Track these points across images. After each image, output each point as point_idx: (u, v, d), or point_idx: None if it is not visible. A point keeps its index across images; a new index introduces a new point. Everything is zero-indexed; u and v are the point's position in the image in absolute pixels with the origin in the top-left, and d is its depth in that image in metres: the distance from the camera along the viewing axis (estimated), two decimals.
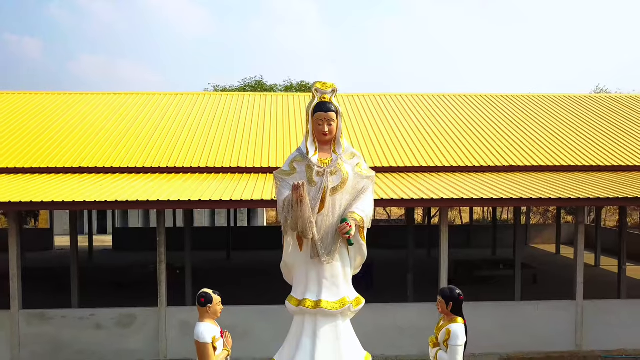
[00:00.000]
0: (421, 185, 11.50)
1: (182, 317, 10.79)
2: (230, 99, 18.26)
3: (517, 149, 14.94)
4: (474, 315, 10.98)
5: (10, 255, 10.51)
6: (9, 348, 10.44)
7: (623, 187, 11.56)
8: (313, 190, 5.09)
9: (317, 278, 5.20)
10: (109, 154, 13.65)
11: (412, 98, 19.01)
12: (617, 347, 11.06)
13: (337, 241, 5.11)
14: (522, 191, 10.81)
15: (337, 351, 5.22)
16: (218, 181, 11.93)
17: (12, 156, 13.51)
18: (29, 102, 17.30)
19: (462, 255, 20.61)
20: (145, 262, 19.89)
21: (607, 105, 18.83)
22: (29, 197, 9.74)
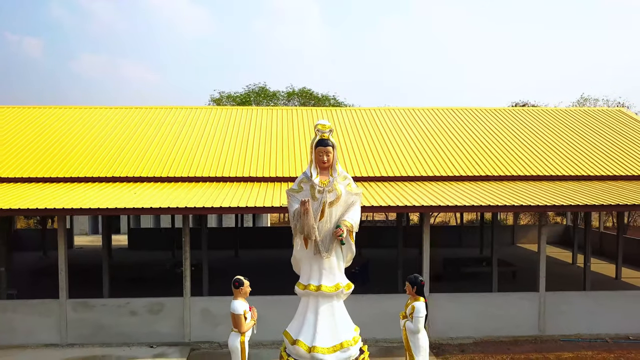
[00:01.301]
0: (405, 193, 13.36)
1: (203, 306, 12.68)
2: (241, 113, 20.14)
3: (493, 160, 16.78)
4: (454, 304, 13.03)
5: (59, 253, 12.42)
6: (58, 331, 12.35)
7: (581, 195, 13.44)
8: (315, 204, 6.99)
9: (319, 269, 7.09)
10: (137, 165, 15.56)
11: (402, 112, 20.87)
12: (574, 332, 12.97)
13: (333, 242, 7.01)
14: (492, 199, 12.69)
15: (333, 323, 7.12)
16: (233, 189, 13.82)
17: (49, 166, 15.43)
18: (54, 116, 19.24)
19: (452, 254, 22.53)
20: (160, 260, 21.87)
21: (574, 118, 20.66)
22: (71, 204, 11.64)
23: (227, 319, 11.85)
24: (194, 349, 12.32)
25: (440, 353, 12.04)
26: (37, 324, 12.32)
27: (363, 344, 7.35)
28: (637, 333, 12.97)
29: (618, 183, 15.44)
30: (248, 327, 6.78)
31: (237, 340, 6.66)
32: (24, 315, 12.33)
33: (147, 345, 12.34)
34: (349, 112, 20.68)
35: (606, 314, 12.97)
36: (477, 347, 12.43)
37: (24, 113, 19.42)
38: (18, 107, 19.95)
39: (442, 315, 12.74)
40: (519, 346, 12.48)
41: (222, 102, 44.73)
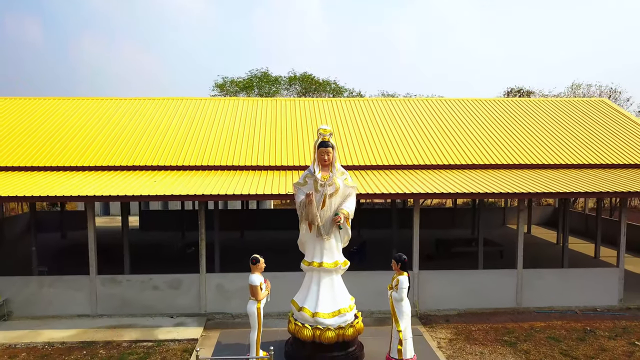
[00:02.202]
0: (398, 181, 14.81)
1: (217, 281, 14.24)
2: (248, 104, 21.49)
3: (480, 149, 18.19)
4: (441, 280, 14.58)
5: (88, 234, 13.93)
6: (88, 304, 13.93)
7: (560, 183, 14.88)
8: (317, 195, 8.48)
9: (320, 249, 8.60)
10: (154, 154, 17.01)
11: (398, 103, 22.20)
12: (548, 305, 14.55)
13: (333, 226, 8.51)
14: (477, 186, 14.15)
15: (333, 293, 8.65)
16: (243, 177, 15.28)
17: (74, 155, 16.89)
18: (73, 107, 20.64)
19: (445, 235, 24.11)
20: (171, 241, 23.46)
21: (559, 109, 22.00)
22: (100, 192, 13.13)
23: (239, 293, 13.56)
24: (210, 319, 13.91)
25: (427, 323, 13.63)
26: (71, 297, 13.90)
27: (358, 312, 8.90)
28: (603, 305, 14.57)
29: (597, 171, 16.88)
30: (263, 296, 8.29)
31: (254, 307, 8.17)
32: (58, 290, 13.89)
33: (168, 316, 13.93)
34: (348, 102, 22.01)
35: (576, 288, 14.54)
36: (461, 318, 14.02)
37: (46, 104, 20.83)
38: (39, 99, 21.35)
39: (430, 290, 14.32)
40: (498, 317, 14.08)
41: (225, 87, 45.95)
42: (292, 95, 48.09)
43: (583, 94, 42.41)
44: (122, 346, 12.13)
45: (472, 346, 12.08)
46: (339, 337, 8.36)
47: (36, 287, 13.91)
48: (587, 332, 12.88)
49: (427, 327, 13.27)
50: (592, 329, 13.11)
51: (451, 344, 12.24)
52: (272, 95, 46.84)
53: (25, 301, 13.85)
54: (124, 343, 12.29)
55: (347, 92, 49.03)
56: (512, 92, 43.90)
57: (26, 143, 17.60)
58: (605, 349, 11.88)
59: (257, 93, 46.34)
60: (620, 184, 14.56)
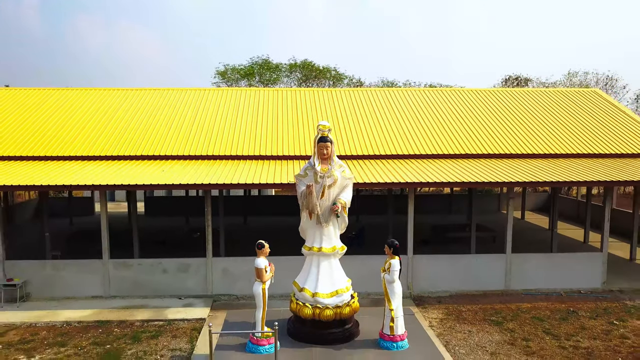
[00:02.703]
0: (393, 170, 15.59)
1: (223, 265, 15.09)
2: (250, 94, 22.19)
3: (473, 139, 18.93)
4: (434, 264, 15.42)
5: (101, 220, 14.76)
6: (101, 286, 14.80)
7: (546, 172, 15.66)
8: (317, 186, 9.26)
9: (320, 235, 9.41)
10: (161, 144, 17.77)
11: (395, 93, 22.88)
12: (534, 287, 15.42)
13: (331, 215, 9.30)
14: (468, 175, 14.93)
15: (331, 275, 9.47)
16: (247, 166, 16.06)
17: (83, 145, 17.66)
18: (80, 97, 21.36)
19: (441, 220, 24.96)
20: (177, 226, 24.30)
21: (551, 99, 22.70)
22: (113, 181, 13.92)
23: (243, 276, 14.42)
24: (216, 300, 14.78)
25: (420, 303, 14.50)
26: (85, 280, 14.77)
27: (354, 292, 9.72)
28: (587, 288, 15.43)
29: (585, 160, 17.66)
30: (267, 277, 9.10)
31: (259, 288, 8.99)
32: (74, 273, 14.75)
33: (177, 297, 14.81)
34: (347, 92, 22.70)
35: (562, 272, 15.39)
36: (452, 299, 14.89)
37: (56, 95, 21.55)
38: (47, 89, 22.06)
39: (424, 273, 15.18)
40: (487, 298, 14.95)
41: (227, 74, 46.50)
42: (292, 82, 48.65)
43: (580, 81, 43.00)
44: (135, 325, 13.01)
45: (461, 325, 12.95)
46: (336, 315, 9.18)
47: (52, 270, 14.77)
48: (570, 313, 13.74)
49: (420, 308, 14.14)
50: (575, 309, 13.98)
51: (442, 323, 13.11)
52: (273, 82, 47.41)
53: (42, 283, 14.71)
54: (137, 322, 13.17)
55: (347, 79, 49.55)
56: (510, 79, 44.47)
57: (39, 133, 18.35)
58: (586, 327, 12.76)
59: (258, 80, 46.90)
60: (603, 173, 15.34)
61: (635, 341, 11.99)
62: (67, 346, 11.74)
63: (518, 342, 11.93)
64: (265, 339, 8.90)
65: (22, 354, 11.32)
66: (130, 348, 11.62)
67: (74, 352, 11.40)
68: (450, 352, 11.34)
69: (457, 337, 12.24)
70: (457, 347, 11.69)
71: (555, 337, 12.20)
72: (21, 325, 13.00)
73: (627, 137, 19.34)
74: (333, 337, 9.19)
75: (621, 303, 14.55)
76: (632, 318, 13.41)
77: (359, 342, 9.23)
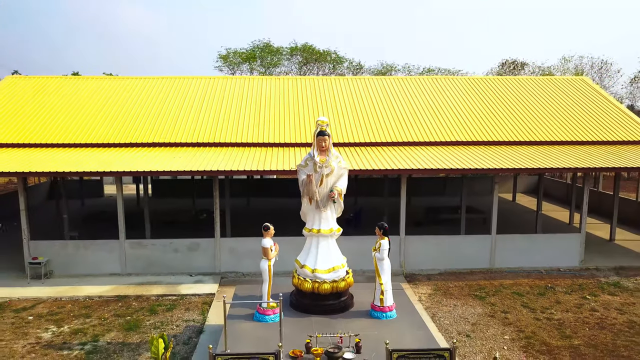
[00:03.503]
0: (387, 156, 16.75)
1: (230, 245, 16.37)
2: (254, 82, 23.26)
3: (464, 126, 20.05)
4: (424, 244, 16.67)
5: (117, 203, 15.98)
6: (118, 264, 16.09)
7: (531, 158, 16.81)
8: (316, 176, 10.44)
9: (319, 218, 10.61)
10: (172, 131, 18.93)
11: (391, 81, 23.90)
12: (517, 265, 16.71)
13: (329, 200, 10.49)
14: (457, 162, 16.09)
15: (329, 253, 10.69)
16: (252, 153, 17.24)
17: (96, 134, 18.82)
18: (94, 86, 22.46)
19: (436, 202, 26.20)
20: (185, 208, 25.57)
21: (541, 87, 23.73)
22: (129, 167, 15.09)
23: (249, 255, 15.70)
24: (223, 277, 16.09)
25: (411, 280, 15.80)
26: (103, 258, 16.06)
27: (349, 269, 10.94)
28: (565, 266, 16.72)
29: (569, 147, 18.82)
30: (272, 256, 10.32)
31: (265, 264, 10.22)
32: (93, 252, 16.03)
33: (187, 274, 16.11)
34: (345, 80, 23.74)
35: (542, 251, 16.66)
36: (441, 277, 16.19)
37: (67, 83, 22.64)
38: (61, 77, 23.14)
39: (415, 252, 16.45)
40: (473, 275, 16.25)
41: (229, 58, 47.39)
42: (293, 65, 49.52)
43: (575, 65, 43.89)
44: (151, 299, 14.33)
45: (448, 299, 14.26)
46: (333, 288, 10.40)
47: (73, 250, 16.05)
48: (548, 289, 15.04)
49: (411, 284, 15.44)
50: (552, 285, 15.28)
51: (430, 297, 14.42)
52: (274, 65, 48.29)
53: (63, 262, 16.00)
54: (152, 297, 14.49)
55: (347, 62, 50.42)
56: (507, 63, 45.32)
57: (55, 121, 19.48)
58: (560, 301, 14.06)
59: (259, 64, 47.80)
60: (582, 160, 16.51)
61: (603, 313, 13.29)
62: (91, 317, 13.07)
63: (497, 314, 13.24)
64: (270, 310, 10.13)
65: (52, 324, 12.64)
66: (148, 319, 12.94)
67: (99, 323, 12.72)
68: (435, 323, 12.67)
69: (443, 310, 13.56)
70: (442, 318, 13.01)
71: (531, 310, 13.51)
72: (47, 299, 14.32)
73: (610, 125, 20.45)
74: (330, 308, 10.42)
75: (595, 280, 15.84)
76: (603, 293, 14.71)
77: (352, 313, 10.46)
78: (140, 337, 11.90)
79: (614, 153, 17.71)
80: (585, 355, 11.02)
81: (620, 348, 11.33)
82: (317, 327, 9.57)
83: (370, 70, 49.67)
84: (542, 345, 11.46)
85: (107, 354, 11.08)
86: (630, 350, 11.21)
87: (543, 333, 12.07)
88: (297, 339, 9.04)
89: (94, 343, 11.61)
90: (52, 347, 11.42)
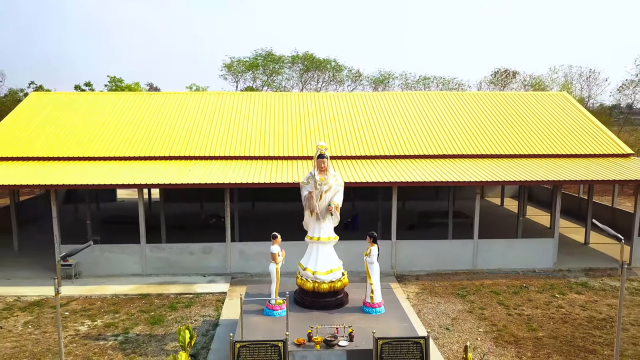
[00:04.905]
0: (381, 170, 18.63)
1: (240, 248, 18.26)
2: (261, 98, 25.17)
3: (452, 140, 21.94)
4: (413, 247, 18.53)
5: (139, 211, 17.87)
6: (139, 266, 17.99)
7: (511, 170, 18.69)
8: (316, 192, 12.34)
9: (319, 228, 12.51)
10: (186, 146, 20.84)
11: (386, 97, 25.79)
12: (496, 267, 18.59)
13: (327, 213, 12.39)
14: (443, 175, 17.98)
15: (327, 258, 12.58)
16: (259, 165, 19.13)
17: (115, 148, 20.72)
18: (111, 102, 24.36)
19: (428, 206, 28.03)
20: (192, 212, 27.45)
21: (523, 103, 25.61)
22: (150, 180, 16.98)
23: (257, 257, 17.61)
24: (233, 277, 17.98)
25: (402, 280, 17.69)
26: (126, 260, 17.95)
27: (344, 271, 12.83)
28: (540, 268, 18.60)
29: (546, 160, 20.70)
30: (279, 260, 12.22)
31: (273, 267, 12.11)
32: (117, 255, 17.93)
33: (201, 275, 18.00)
34: (344, 97, 25.63)
35: (520, 254, 18.56)
36: (428, 277, 18.08)
37: (85, 99, 24.54)
38: (79, 94, 25.04)
39: (405, 255, 18.34)
40: (457, 276, 18.14)
41: (233, 66, 49.28)
42: (295, 73, 51.43)
43: (565, 74, 45.77)
44: (170, 297, 16.22)
45: (433, 297, 16.16)
46: (330, 288, 12.27)
47: (99, 253, 17.94)
48: (522, 288, 16.93)
49: (401, 284, 17.32)
50: (527, 285, 17.16)
51: (417, 296, 16.32)
52: (276, 73, 50.19)
53: (90, 264, 17.88)
54: (171, 295, 16.37)
55: (347, 70, 52.33)
56: (499, 72, 47.22)
57: (75, 137, 21.39)
58: (532, 299, 15.94)
59: (262, 72, 49.69)
60: (557, 173, 18.39)
61: (568, 310, 15.18)
62: (119, 313, 14.97)
63: (475, 310, 15.13)
64: (278, 305, 12.00)
65: (86, 319, 14.54)
66: (170, 315, 14.84)
67: (127, 318, 14.62)
68: (420, 318, 14.56)
69: (427, 306, 15.46)
70: (426, 314, 14.90)
71: (505, 306, 15.40)
72: (79, 297, 16.22)
73: (586, 139, 22.33)
74: (328, 304, 12.30)
75: (566, 280, 17.73)
76: (571, 292, 16.60)
77: (347, 308, 12.34)
78: (164, 330, 13.79)
79: (586, 167, 19.59)
80: (546, 345, 12.90)
81: (578, 339, 13.22)
82: (317, 320, 11.46)
83: (369, 78, 51.58)
84: (511, 337, 13.34)
85: (138, 344, 12.97)
86: (586, 341, 13.10)
87: (513, 327, 13.96)
88: (300, 330, 10.93)
89: (125, 335, 13.50)
90: (89, 338, 13.32)
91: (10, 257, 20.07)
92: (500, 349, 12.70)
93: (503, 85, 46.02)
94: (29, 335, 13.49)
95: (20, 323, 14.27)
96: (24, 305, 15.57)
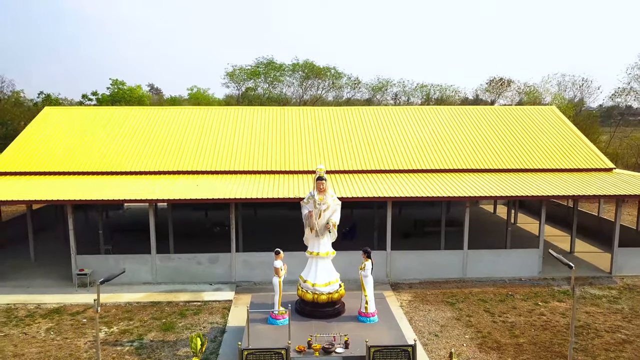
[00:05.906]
0: (376, 184, 19.82)
1: (244, 258, 19.46)
2: (265, 112, 26.38)
3: (444, 155, 23.14)
4: (407, 257, 19.73)
5: (150, 222, 19.08)
6: (150, 274, 19.20)
7: (500, 185, 19.90)
8: (316, 211, 13.55)
9: (318, 244, 13.73)
10: (194, 160, 22.07)
11: (381, 111, 26.98)
12: (485, 276, 19.80)
13: (325, 230, 13.61)
14: (436, 189, 19.18)
15: (326, 271, 13.80)
16: (262, 180, 20.34)
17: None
18: (122, 116, 25.59)
19: (424, 214, 29.22)
20: (197, 220, 28.65)
21: (512, 116, 26.82)
22: (162, 196, 18.19)
23: (261, 267, 18.85)
24: (238, 285, 19.17)
25: (395, 288, 18.89)
26: (138, 269, 19.15)
27: (341, 283, 14.04)
28: (526, 276, 19.80)
29: (532, 174, 21.90)
30: (282, 274, 13.44)
31: (277, 280, 13.34)
32: (129, 264, 19.08)
33: (208, 284, 19.20)
34: (341, 111, 26.85)
35: (506, 263, 19.76)
36: (421, 285, 19.28)
37: (99, 114, 25.75)
38: (94, 108, 26.28)
39: (399, 265, 19.54)
40: (448, 284, 19.34)
41: (235, 75, 50.51)
42: (295, 80, 52.64)
43: (559, 82, 46.99)
44: (180, 305, 17.42)
45: (424, 305, 17.36)
46: (329, 299, 13.48)
47: (113, 262, 19.15)
48: (508, 296, 18.12)
49: (395, 292, 18.52)
50: (512, 293, 18.35)
51: (410, 303, 17.52)
52: (277, 81, 51.41)
53: (105, 273, 18.90)
54: (181, 302, 17.57)
55: (346, 78, 53.54)
56: (495, 80, 48.46)
57: (89, 152, 22.61)
58: (516, 307, 17.15)
59: (263, 80, 50.90)
60: (543, 188, 19.60)
61: (549, 317, 16.38)
62: (133, 320, 16.17)
63: (463, 317, 16.34)
64: (281, 315, 13.22)
65: (103, 325, 15.75)
66: (180, 321, 16.04)
67: (140, 324, 15.83)
68: (412, 325, 15.76)
69: (419, 314, 16.66)
70: (417, 321, 16.11)
71: (491, 314, 16.60)
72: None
73: (572, 154, 23.55)
74: (326, 314, 13.53)
75: (550, 288, 18.93)
76: (553, 300, 17.79)
77: (344, 317, 13.57)
78: (176, 336, 14.99)
79: (572, 181, 20.79)
80: (526, 350, 14.11)
81: (555, 345, 14.42)
82: (317, 329, 12.68)
83: (368, 86, 52.79)
84: (494, 343, 14.55)
85: (152, 349, 14.18)
86: (563, 347, 14.30)
87: (497, 333, 15.16)
88: (301, 337, 12.14)
89: (140, 341, 14.70)
90: (107, 344, 14.53)
91: (27, 266, 21.27)
92: (484, 354, 13.90)
93: (498, 93, 47.32)
94: (51, 341, 14.70)
95: (42, 329, 15.48)
96: (44, 312, 16.78)
